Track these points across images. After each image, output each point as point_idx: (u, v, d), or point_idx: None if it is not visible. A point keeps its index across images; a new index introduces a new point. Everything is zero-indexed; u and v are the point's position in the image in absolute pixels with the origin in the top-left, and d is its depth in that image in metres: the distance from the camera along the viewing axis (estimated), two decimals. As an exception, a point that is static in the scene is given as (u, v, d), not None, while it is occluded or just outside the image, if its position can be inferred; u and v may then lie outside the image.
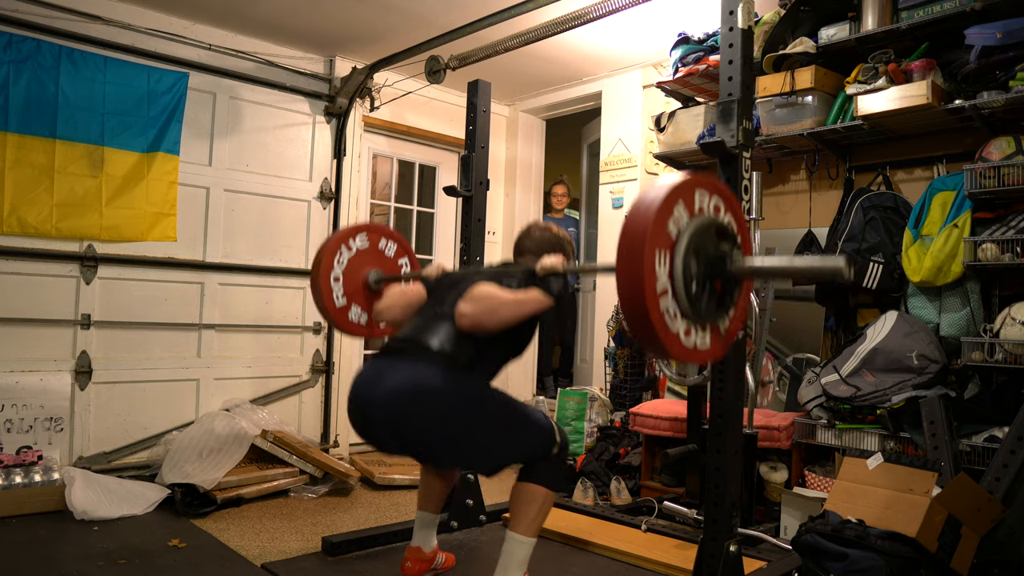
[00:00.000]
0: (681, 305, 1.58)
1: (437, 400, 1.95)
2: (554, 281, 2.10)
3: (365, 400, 2.03)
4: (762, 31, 3.34)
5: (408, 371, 1.99)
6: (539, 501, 2.15)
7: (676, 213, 1.59)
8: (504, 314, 2.01)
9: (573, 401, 4.05)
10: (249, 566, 2.59)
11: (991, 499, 2.30)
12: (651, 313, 1.50)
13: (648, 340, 1.55)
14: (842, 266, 1.54)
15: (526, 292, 2.06)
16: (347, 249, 2.80)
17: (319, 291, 2.71)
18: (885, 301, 3.16)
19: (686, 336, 1.61)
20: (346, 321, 2.78)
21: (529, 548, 2.16)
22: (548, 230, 2.43)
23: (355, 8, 3.69)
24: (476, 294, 2.04)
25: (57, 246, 3.46)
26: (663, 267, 1.54)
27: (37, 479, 3.13)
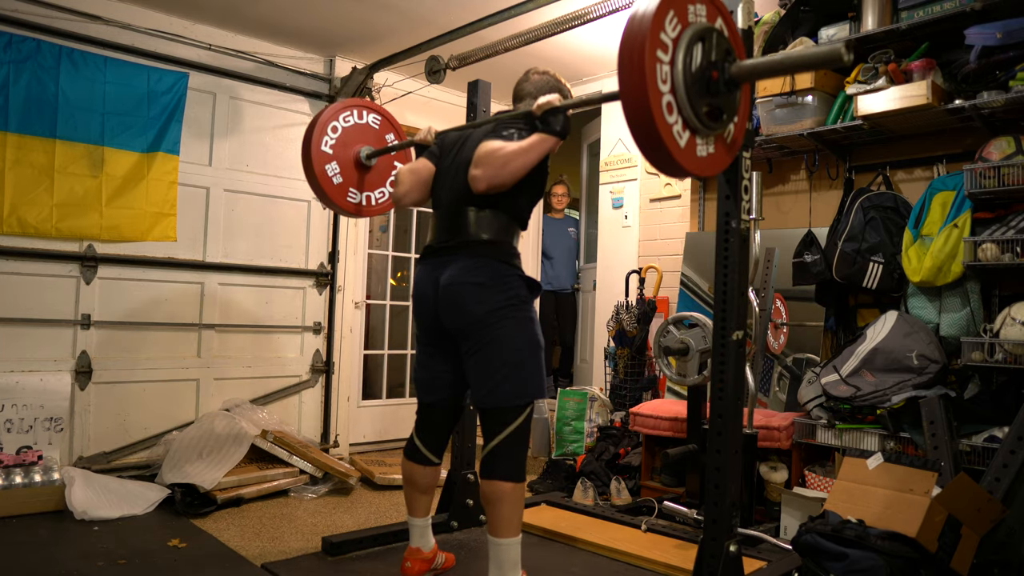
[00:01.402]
0: (680, 103, 1.57)
1: (482, 290, 2.13)
2: (554, 119, 2.11)
3: (426, 288, 2.25)
4: (762, 31, 3.34)
5: (459, 264, 2.18)
6: (508, 497, 2.12)
7: (678, 14, 1.59)
8: (514, 166, 2.06)
9: (573, 401, 4.05)
10: (249, 566, 2.59)
11: (991, 499, 2.30)
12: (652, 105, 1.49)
13: (649, 141, 1.54)
14: (840, 50, 1.51)
15: (530, 139, 2.08)
16: (332, 132, 2.80)
17: (312, 171, 2.73)
18: (885, 301, 3.16)
19: (685, 139, 1.60)
20: (344, 201, 2.80)
21: (517, 547, 2.15)
22: (546, 73, 2.44)
23: (355, 8, 3.69)
24: (481, 155, 2.07)
25: (57, 246, 3.46)
26: (665, 63, 1.54)
27: (37, 479, 3.13)
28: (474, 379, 2.21)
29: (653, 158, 1.61)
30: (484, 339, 2.15)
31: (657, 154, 1.58)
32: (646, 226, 4.37)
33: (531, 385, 2.18)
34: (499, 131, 2.19)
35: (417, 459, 2.42)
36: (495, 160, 2.06)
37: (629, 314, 4.05)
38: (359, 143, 2.86)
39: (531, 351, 2.19)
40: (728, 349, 2.13)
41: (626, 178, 4.48)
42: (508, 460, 2.15)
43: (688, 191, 4.16)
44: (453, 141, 2.39)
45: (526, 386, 2.17)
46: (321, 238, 4.36)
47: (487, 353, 2.16)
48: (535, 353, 2.20)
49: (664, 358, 3.28)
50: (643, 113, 1.51)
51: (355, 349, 4.57)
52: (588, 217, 5.53)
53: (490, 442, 2.17)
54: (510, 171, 2.07)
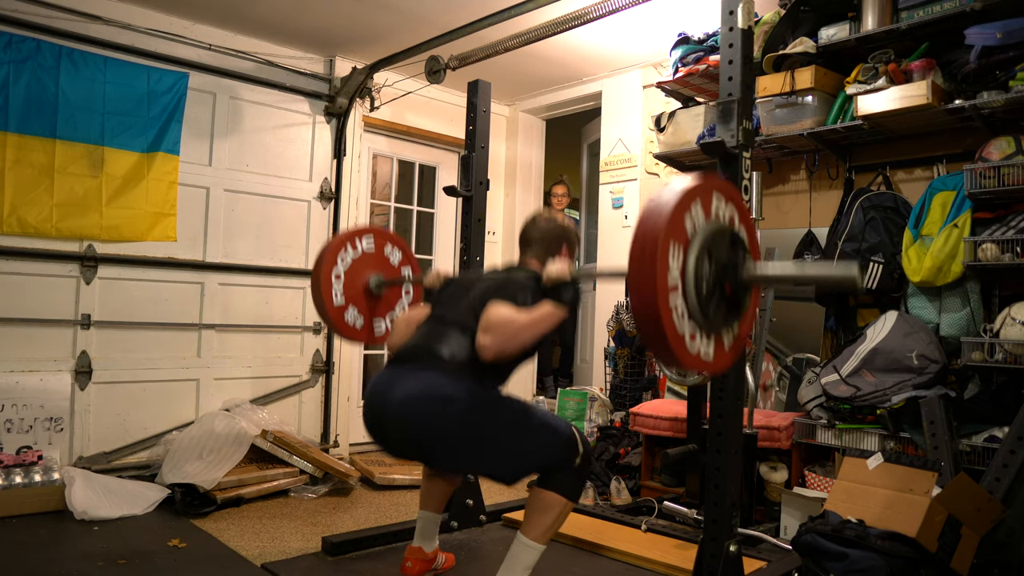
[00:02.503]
0: (690, 305, 1.56)
1: (450, 407, 1.96)
2: (564, 290, 2.08)
3: (380, 407, 2.05)
4: (762, 31, 3.33)
5: (421, 379, 2.01)
6: (556, 510, 2.12)
7: (693, 212, 1.59)
8: (523, 338, 2.01)
9: (573, 401, 4.05)
10: (249, 566, 2.59)
11: (991, 499, 2.30)
12: (661, 309, 1.48)
13: (655, 340, 1.53)
14: (854, 275, 1.52)
15: (540, 309, 2.04)
16: (352, 249, 2.78)
17: (319, 287, 2.69)
18: (885, 301, 3.16)
19: (692, 340, 1.59)
20: (342, 321, 2.75)
21: (537, 555, 2.14)
22: (553, 220, 2.41)
23: (355, 8, 3.69)
24: (492, 322, 2.00)
25: (57, 246, 3.46)
26: (676, 261, 1.53)
27: (37, 479, 3.13)
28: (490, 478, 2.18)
29: (662, 359, 1.62)
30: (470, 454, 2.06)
31: (666, 356, 1.58)
32: (646, 226, 4.36)
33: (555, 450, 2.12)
34: (511, 293, 2.11)
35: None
36: (506, 331, 1.99)
37: (629, 314, 4.05)
38: (365, 274, 2.81)
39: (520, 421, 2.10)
40: (728, 349, 2.13)
41: (626, 178, 4.48)
42: (571, 479, 2.14)
43: (688, 191, 4.15)
44: (460, 284, 2.34)
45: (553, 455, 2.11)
46: (321, 238, 4.35)
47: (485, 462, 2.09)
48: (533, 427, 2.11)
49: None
50: (654, 322, 1.50)
51: (355, 349, 4.57)
52: (588, 217, 5.53)
53: None
54: (520, 342, 2.01)
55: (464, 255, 3.14)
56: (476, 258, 3.12)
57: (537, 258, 2.35)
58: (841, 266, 1.54)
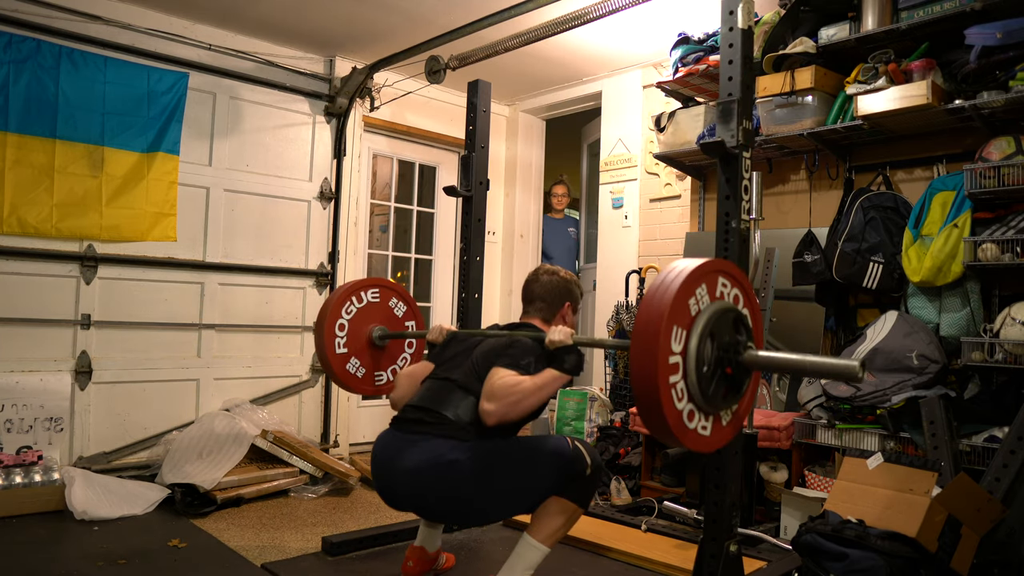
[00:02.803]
0: (690, 385, 1.58)
1: (458, 470, 1.99)
2: (568, 356, 2.09)
3: (389, 475, 2.12)
4: (762, 31, 3.33)
5: (427, 448, 2.04)
6: (567, 516, 2.14)
7: (698, 294, 1.61)
8: (526, 405, 2.02)
9: (573, 401, 4.05)
10: (249, 566, 2.59)
11: (991, 499, 2.30)
12: (660, 388, 1.50)
13: (652, 415, 1.55)
14: (856, 368, 1.53)
15: (543, 376, 2.05)
16: (357, 301, 2.80)
17: (322, 336, 2.71)
18: (885, 301, 3.16)
19: (690, 420, 1.61)
20: (343, 371, 2.76)
21: (541, 556, 2.15)
22: (555, 274, 2.42)
23: (355, 8, 3.69)
24: (496, 389, 2.01)
25: (57, 246, 3.46)
26: (678, 344, 1.56)
27: (37, 479, 3.13)
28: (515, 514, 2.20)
29: (659, 435, 1.63)
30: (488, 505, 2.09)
31: (663, 434, 1.60)
32: (646, 226, 4.37)
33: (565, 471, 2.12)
34: (514, 357, 2.12)
35: None
36: (510, 399, 2.00)
37: (629, 314, 4.05)
38: (368, 326, 2.83)
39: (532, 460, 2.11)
40: (728, 349, 2.13)
41: (626, 178, 4.48)
42: (584, 486, 2.15)
43: (688, 191, 4.16)
44: (464, 338, 2.36)
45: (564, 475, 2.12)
46: (321, 238, 4.35)
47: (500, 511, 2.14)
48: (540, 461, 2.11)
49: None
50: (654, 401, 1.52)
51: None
52: (588, 217, 5.53)
53: None
54: (522, 409, 2.02)
55: (464, 255, 3.14)
56: (476, 258, 3.12)
57: (540, 316, 2.38)
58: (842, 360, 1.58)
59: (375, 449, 2.20)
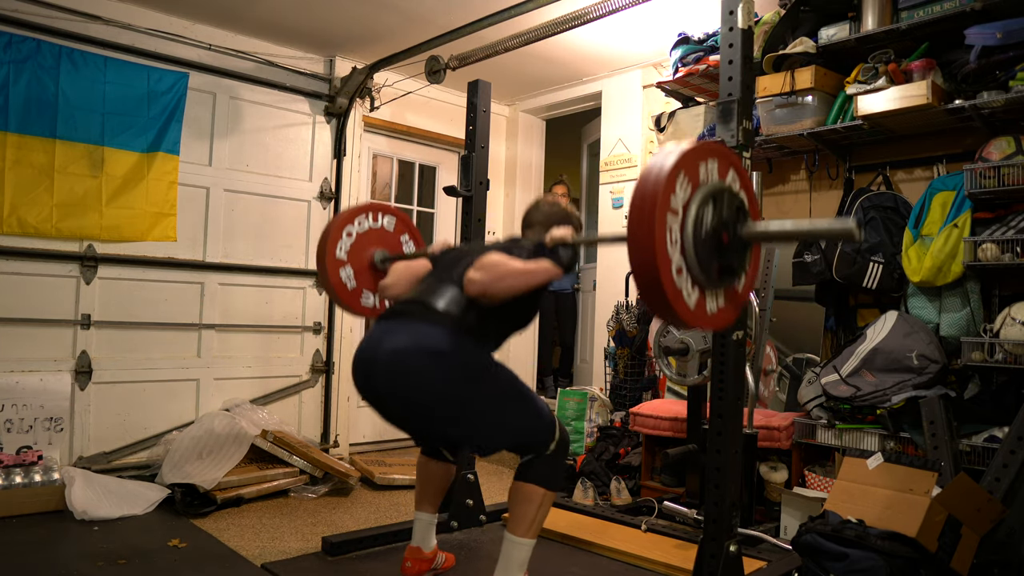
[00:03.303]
0: (690, 265, 1.57)
1: (439, 361, 1.95)
2: (563, 251, 2.10)
3: (369, 359, 2.04)
4: (762, 31, 3.33)
5: (412, 331, 2.00)
6: (537, 501, 2.12)
7: (708, 164, 1.61)
8: (512, 282, 2.00)
9: (573, 401, 4.05)
10: (249, 566, 2.59)
11: (991, 499, 2.30)
12: (661, 270, 1.49)
13: (656, 299, 1.54)
14: (852, 228, 1.53)
15: (536, 262, 2.05)
16: (373, 219, 2.79)
17: (328, 235, 2.70)
18: (885, 301, 3.16)
19: (694, 298, 1.60)
20: (336, 277, 2.74)
21: (528, 549, 2.15)
22: (556, 204, 2.42)
23: (355, 8, 3.69)
24: (485, 262, 2.03)
25: (57, 246, 3.46)
26: (675, 221, 1.55)
27: (37, 479, 3.13)
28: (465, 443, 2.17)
29: (663, 316, 1.62)
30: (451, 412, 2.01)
31: (667, 314, 1.59)
32: (646, 226, 4.36)
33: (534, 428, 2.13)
34: (510, 250, 2.14)
35: (436, 456, 2.46)
36: (497, 270, 2.00)
37: (629, 314, 4.05)
38: (374, 247, 2.82)
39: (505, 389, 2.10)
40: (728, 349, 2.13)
41: (626, 178, 4.47)
42: (548, 467, 2.15)
43: (688, 191, 4.15)
44: (461, 250, 2.35)
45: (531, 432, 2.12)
46: (321, 238, 4.35)
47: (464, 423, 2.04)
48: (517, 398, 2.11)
49: (664, 358, 3.28)
50: (653, 279, 1.51)
51: (355, 349, 4.56)
52: (588, 217, 5.52)
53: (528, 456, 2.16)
54: (507, 285, 1.99)
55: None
56: None
57: (538, 238, 2.33)
58: (839, 220, 1.57)
59: (361, 340, 2.15)
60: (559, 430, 2.19)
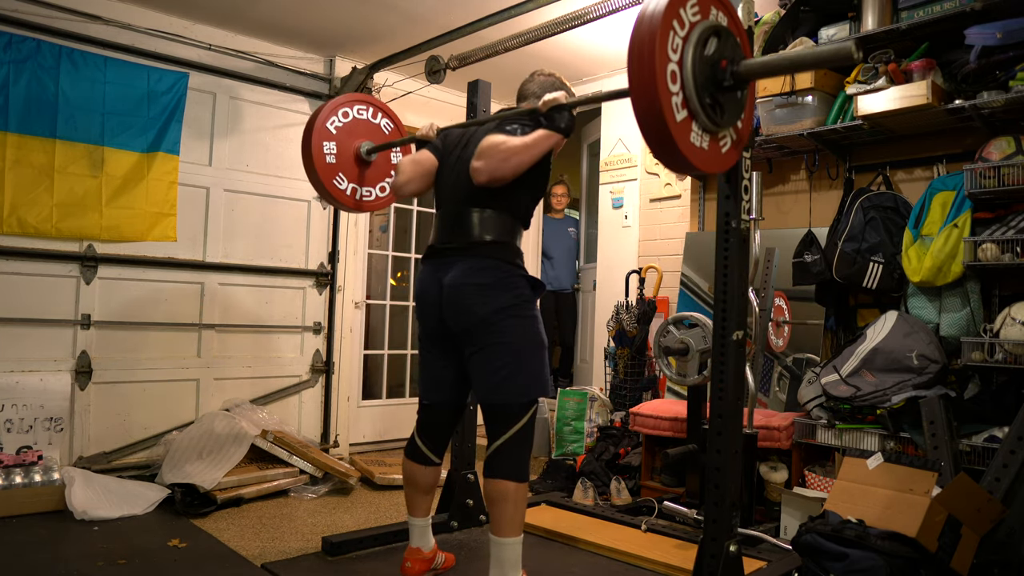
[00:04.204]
0: (691, 104, 1.58)
1: (486, 294, 2.14)
2: (559, 116, 2.10)
3: (429, 289, 2.25)
4: (762, 31, 3.34)
5: (463, 265, 2.18)
6: (511, 496, 2.13)
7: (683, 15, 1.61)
8: (516, 160, 2.05)
9: (573, 401, 4.05)
10: (249, 566, 2.59)
11: (991, 499, 2.30)
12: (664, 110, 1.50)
13: (662, 142, 1.56)
14: (850, 48, 1.53)
15: (534, 134, 2.08)
16: (343, 116, 2.80)
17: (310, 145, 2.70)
18: (885, 301, 3.16)
19: (698, 139, 1.62)
20: (332, 184, 2.76)
21: (517, 546, 2.15)
22: (551, 75, 2.44)
23: (355, 8, 3.69)
24: (484, 147, 2.05)
25: (57, 246, 3.46)
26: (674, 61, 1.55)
27: (37, 479, 3.13)
28: (477, 378, 2.22)
29: (662, 154, 1.63)
30: (488, 339, 2.16)
31: (666, 150, 1.60)
32: (646, 226, 4.37)
33: (535, 385, 2.20)
34: (503, 126, 2.20)
35: (418, 459, 2.42)
36: (498, 153, 2.06)
37: (629, 314, 4.05)
38: (362, 137, 2.85)
39: (534, 350, 2.20)
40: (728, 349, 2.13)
41: (626, 178, 4.48)
42: (511, 459, 2.16)
43: (688, 191, 4.16)
44: (456, 138, 2.40)
45: (530, 385, 2.18)
46: (321, 238, 4.36)
47: (490, 352, 2.17)
48: (538, 352, 2.22)
49: (664, 358, 3.28)
50: (653, 111, 1.53)
51: (355, 349, 4.57)
52: (588, 217, 5.53)
53: (494, 442, 2.18)
54: (512, 165, 2.07)
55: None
56: None
57: None
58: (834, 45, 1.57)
59: (416, 283, 2.36)
60: (536, 411, 2.23)
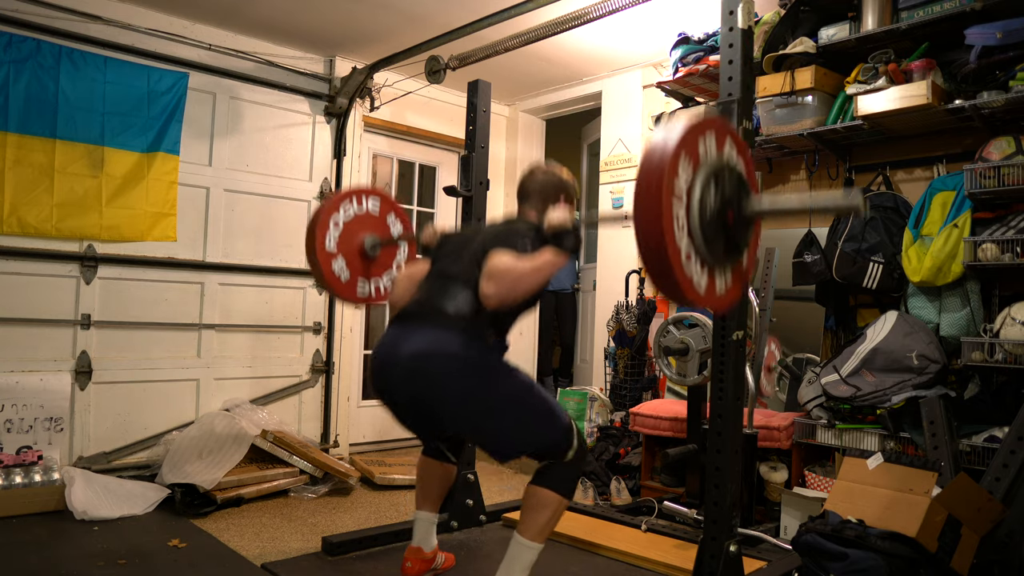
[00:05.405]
0: (696, 244, 1.57)
1: (456, 363, 1.98)
2: (565, 237, 2.07)
3: (389, 364, 2.08)
4: (762, 31, 3.33)
5: (428, 335, 2.03)
6: (551, 508, 2.12)
7: (707, 138, 1.61)
8: (526, 285, 2.00)
9: (573, 401, 4.05)
10: (249, 566, 2.59)
11: (991, 499, 2.30)
12: (672, 257, 1.50)
13: (669, 286, 1.55)
14: (858, 203, 1.52)
15: (542, 256, 2.03)
16: (357, 204, 2.79)
17: (315, 229, 2.68)
18: (885, 301, 3.16)
19: (704, 281, 1.61)
20: (330, 271, 2.73)
21: (535, 554, 2.14)
22: (550, 172, 2.40)
23: (355, 8, 3.69)
24: (495, 270, 2.00)
25: (57, 246, 3.46)
26: (680, 206, 1.54)
27: (37, 479, 3.13)
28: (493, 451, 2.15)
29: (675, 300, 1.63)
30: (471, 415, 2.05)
31: (679, 299, 1.60)
32: (646, 226, 4.36)
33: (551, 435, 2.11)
34: (511, 240, 2.10)
35: (437, 456, 2.45)
36: (509, 278, 1.98)
37: (629, 314, 4.05)
38: (362, 233, 2.82)
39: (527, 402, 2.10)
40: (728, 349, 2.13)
41: (626, 178, 4.47)
42: (564, 474, 2.15)
43: (688, 191, 4.15)
44: (460, 239, 2.34)
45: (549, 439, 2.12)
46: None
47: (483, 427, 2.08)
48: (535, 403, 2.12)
49: (664, 358, 3.28)
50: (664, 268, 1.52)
51: (355, 349, 4.57)
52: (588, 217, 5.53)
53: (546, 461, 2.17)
54: (523, 290, 2.01)
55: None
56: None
57: (535, 209, 2.34)
58: (844, 195, 1.56)
59: (376, 346, 2.17)
60: (577, 439, 2.17)
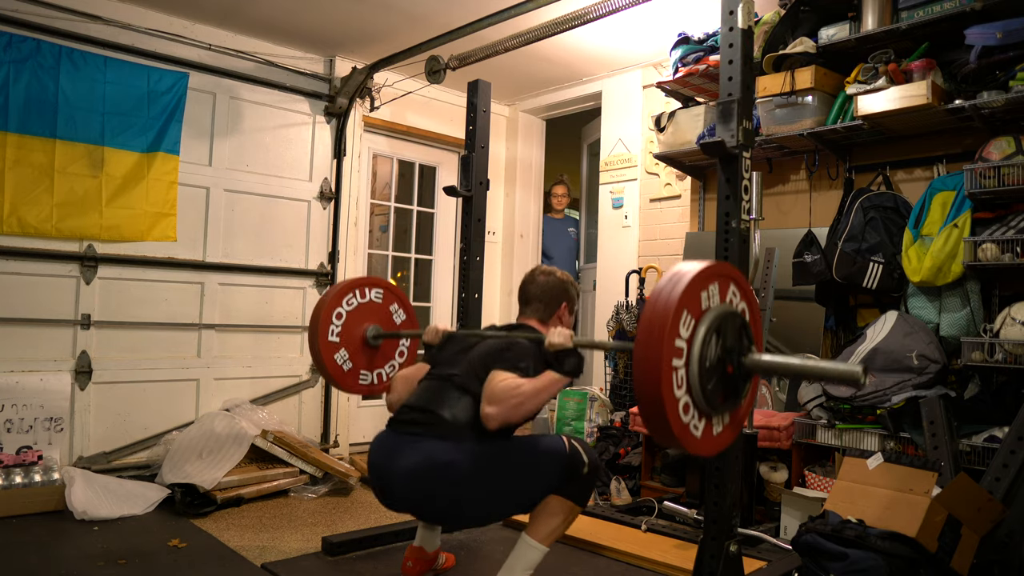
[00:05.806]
0: (693, 391, 1.57)
1: (456, 476, 1.98)
2: (567, 359, 2.08)
3: (385, 476, 2.09)
4: (762, 31, 3.33)
5: (422, 449, 2.02)
6: (564, 514, 2.15)
7: (710, 290, 1.61)
8: (528, 407, 2.02)
9: (573, 401, 4.05)
10: (249, 566, 2.59)
11: (991, 499, 2.30)
12: (668, 411, 1.50)
13: (663, 434, 1.55)
14: (858, 373, 1.52)
15: (543, 378, 2.04)
16: (360, 295, 2.81)
17: (318, 321, 2.69)
18: (885, 301, 3.16)
19: (700, 428, 1.61)
20: (332, 361, 2.74)
21: (540, 556, 2.15)
22: (552, 275, 2.42)
23: (355, 8, 3.69)
24: (498, 394, 2.00)
25: (57, 246, 3.46)
26: (686, 330, 1.55)
27: (37, 479, 3.13)
28: None
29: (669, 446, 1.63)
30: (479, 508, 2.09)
31: (673, 445, 1.61)
32: (646, 226, 4.37)
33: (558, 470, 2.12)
34: (513, 360, 2.11)
35: None
36: (512, 402, 1.99)
37: (629, 314, 4.05)
38: (365, 323, 2.82)
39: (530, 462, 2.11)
40: (728, 349, 2.12)
41: (626, 178, 4.48)
42: (580, 484, 2.17)
43: (688, 191, 4.16)
44: (460, 339, 2.36)
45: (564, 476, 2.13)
46: (321, 238, 4.35)
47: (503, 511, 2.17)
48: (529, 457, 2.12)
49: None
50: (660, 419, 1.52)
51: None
52: (588, 217, 5.53)
53: None
54: (524, 412, 2.03)
55: (464, 255, 3.14)
56: (476, 258, 3.12)
57: (537, 316, 2.38)
58: (844, 366, 1.57)
59: (371, 451, 2.18)
60: (585, 455, 2.18)
